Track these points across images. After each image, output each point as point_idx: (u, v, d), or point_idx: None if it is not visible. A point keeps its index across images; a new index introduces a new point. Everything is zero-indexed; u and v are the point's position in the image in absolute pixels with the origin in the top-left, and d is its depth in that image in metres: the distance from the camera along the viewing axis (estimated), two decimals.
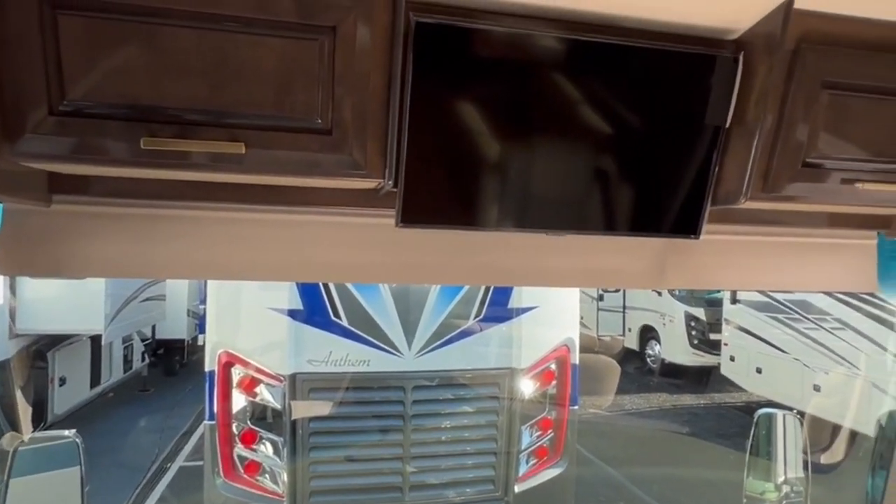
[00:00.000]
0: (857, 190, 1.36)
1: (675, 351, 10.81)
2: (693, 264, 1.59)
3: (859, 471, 4.19)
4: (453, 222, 1.29)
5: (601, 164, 1.36)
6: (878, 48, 1.30)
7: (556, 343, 4.21)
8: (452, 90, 1.20)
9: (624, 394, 9.98)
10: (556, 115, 1.30)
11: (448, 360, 4.01)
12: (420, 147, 1.20)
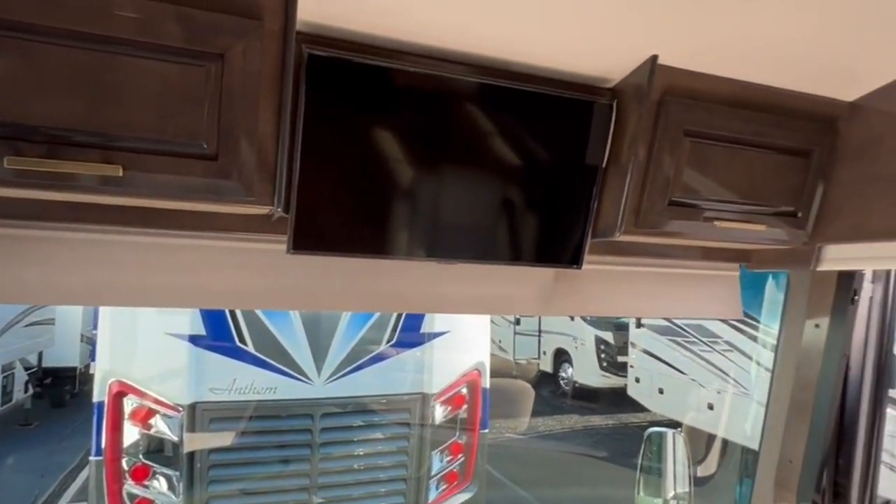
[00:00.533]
0: (716, 227, 1.51)
1: (587, 373, 11.26)
2: (578, 292, 1.70)
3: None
4: (345, 250, 1.31)
5: (491, 198, 1.44)
6: (732, 103, 1.47)
7: (467, 367, 4.28)
8: (345, 121, 1.23)
9: (538, 416, 10.23)
10: (448, 151, 1.36)
11: (359, 386, 3.96)
12: (312, 175, 1.21)
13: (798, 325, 1.89)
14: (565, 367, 12.18)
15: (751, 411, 6.21)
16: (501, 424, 9.10)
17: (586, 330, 11.44)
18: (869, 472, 1.84)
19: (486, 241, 1.47)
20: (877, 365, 1.87)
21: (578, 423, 10.52)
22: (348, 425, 3.97)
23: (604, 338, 11.28)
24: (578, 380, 11.57)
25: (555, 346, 12.46)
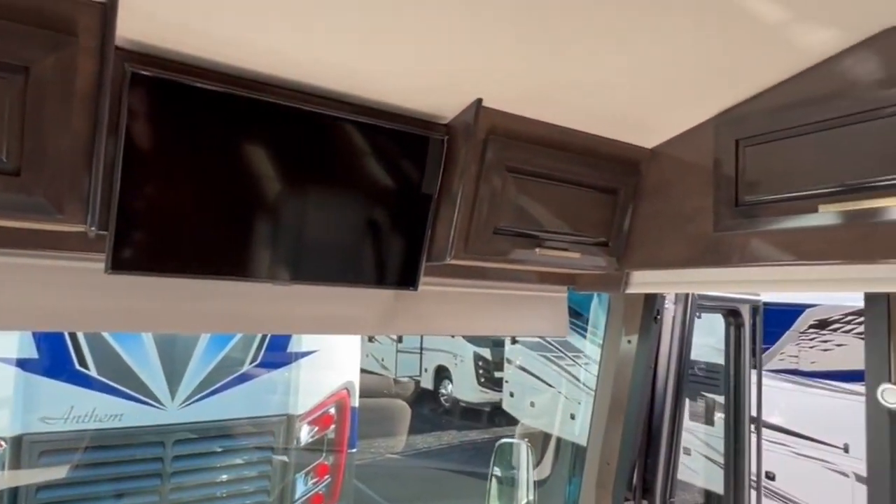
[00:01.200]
0: (537, 253, 1.68)
1: (466, 389, 11.54)
2: (418, 312, 1.80)
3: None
4: (167, 270, 1.29)
5: (333, 222, 1.49)
6: (550, 145, 1.66)
7: (336, 387, 4.25)
8: (171, 141, 1.23)
9: (418, 434, 10.30)
10: (286, 176, 1.40)
11: (218, 409, 3.78)
12: (133, 194, 1.19)
13: (615, 340, 2.14)
14: (446, 383, 12.40)
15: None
16: (380, 444, 9.05)
17: (466, 347, 11.76)
18: (670, 468, 2.11)
19: (328, 263, 1.52)
20: (677, 374, 2.16)
21: (456, 438, 10.73)
22: (205, 452, 3.76)
23: (482, 354, 11.64)
24: (458, 396, 11.84)
25: (436, 364, 12.65)
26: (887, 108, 1.29)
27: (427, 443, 10.25)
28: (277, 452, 4.00)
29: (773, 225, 1.47)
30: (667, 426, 2.12)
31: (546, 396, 8.98)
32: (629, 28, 1.23)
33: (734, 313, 2.57)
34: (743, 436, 2.65)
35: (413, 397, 11.88)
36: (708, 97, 1.59)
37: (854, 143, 1.34)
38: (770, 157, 1.49)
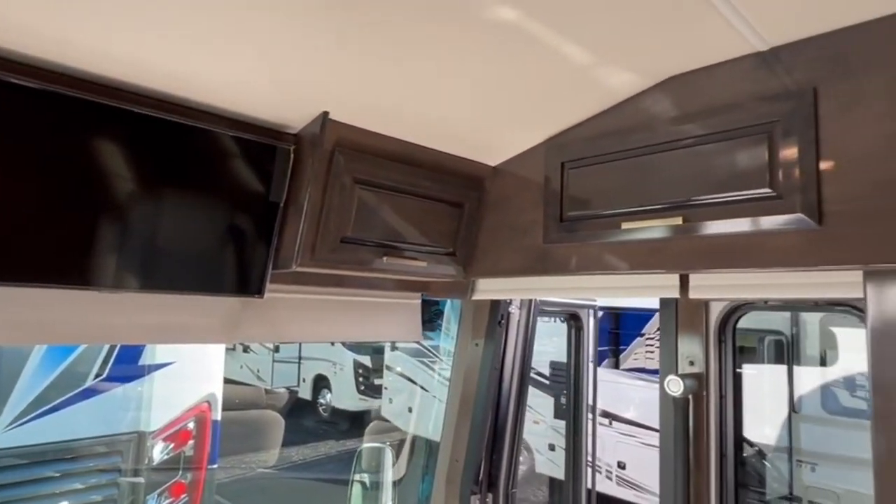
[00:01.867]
0: (384, 262, 1.76)
1: (345, 398, 11.41)
2: (266, 319, 1.80)
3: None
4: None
5: (179, 230, 1.46)
6: (398, 159, 1.75)
7: (195, 400, 4.03)
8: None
9: (294, 446, 9.99)
10: (129, 183, 1.35)
11: (56, 430, 3.43)
12: None
13: (465, 343, 2.28)
14: (325, 392, 12.16)
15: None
16: (250, 458, 8.66)
17: (345, 355, 11.64)
18: (513, 462, 2.29)
19: (174, 271, 1.48)
20: (520, 374, 2.34)
21: (334, 448, 10.55)
22: (38, 478, 3.40)
23: (362, 362, 11.59)
24: (337, 405, 11.67)
25: (315, 373, 12.38)
26: (678, 140, 1.53)
27: (303, 454, 9.98)
28: (126, 474, 3.71)
29: (589, 239, 1.68)
30: (510, 423, 2.30)
31: (423, 401, 9.15)
32: (467, 55, 1.35)
33: (575, 317, 2.84)
34: (582, 426, 2.92)
35: (288, 408, 11.51)
36: (539, 123, 1.77)
37: (652, 171, 1.57)
38: (587, 179, 1.70)
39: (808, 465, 4.71)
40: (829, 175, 1.27)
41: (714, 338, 1.78)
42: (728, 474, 1.75)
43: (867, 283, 1.26)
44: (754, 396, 5.01)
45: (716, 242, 1.43)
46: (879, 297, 1.24)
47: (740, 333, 5.59)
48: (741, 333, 5.80)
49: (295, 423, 10.78)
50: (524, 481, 7.53)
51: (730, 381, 1.78)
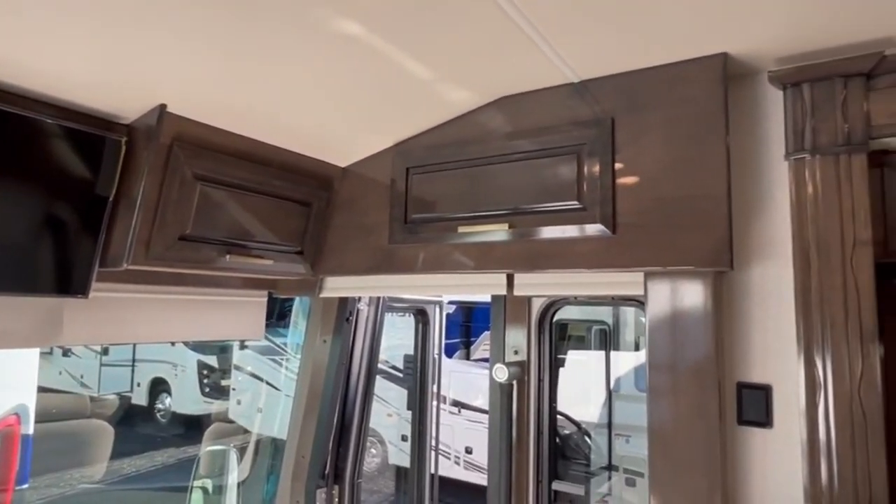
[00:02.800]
0: (227, 260, 1.73)
1: (187, 402, 10.62)
2: (92, 320, 1.67)
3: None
4: None
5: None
6: (243, 156, 1.73)
7: (0, 413, 3.53)
8: None
9: (125, 457, 9.10)
10: None
11: None
12: None
13: (314, 340, 2.31)
14: (163, 397, 11.22)
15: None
16: (73, 475, 7.75)
17: (188, 355, 10.84)
18: (358, 455, 2.37)
19: None
20: (367, 370, 2.43)
21: (174, 455, 9.79)
22: None
23: (207, 362, 10.88)
24: (178, 409, 10.83)
25: (151, 376, 11.36)
26: (508, 154, 1.71)
27: (137, 465, 9.15)
28: None
29: (430, 240, 1.81)
30: (357, 417, 2.37)
31: (274, 400, 8.86)
32: (317, 61, 1.39)
33: (421, 312, 3.00)
34: (426, 414, 3.09)
35: (119, 416, 10.46)
36: (387, 129, 1.86)
37: (485, 180, 1.73)
38: (429, 185, 1.83)
39: (623, 437, 5.41)
40: (622, 192, 1.53)
41: (535, 329, 2.01)
42: (543, 447, 2.00)
43: (647, 283, 1.53)
44: (581, 380, 5.63)
45: (536, 246, 1.64)
46: (654, 294, 1.52)
47: (572, 324, 6.24)
48: (573, 324, 6.44)
49: (127, 432, 9.82)
50: (377, 473, 7.65)
51: (547, 367, 2.03)
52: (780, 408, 1.48)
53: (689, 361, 1.48)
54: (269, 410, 8.84)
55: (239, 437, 7.43)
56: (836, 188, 1.40)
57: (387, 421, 7.56)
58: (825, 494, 1.35)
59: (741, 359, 1.54)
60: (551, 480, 2.11)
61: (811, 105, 1.44)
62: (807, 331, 1.41)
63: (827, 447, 1.35)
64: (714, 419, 1.46)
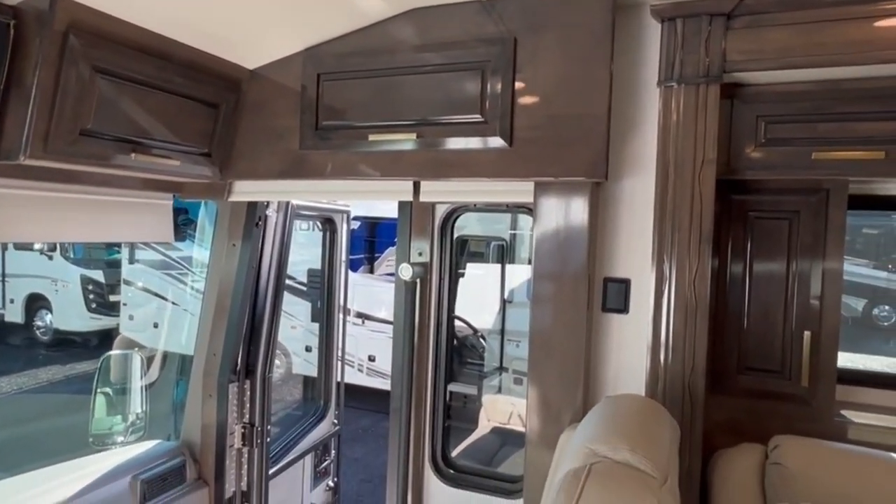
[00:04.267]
0: (132, 159, 1.71)
1: (71, 318, 10.06)
2: None
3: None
4: None
5: None
6: (147, 51, 1.66)
7: None
8: None
9: (3, 376, 8.61)
10: None
11: None
12: None
13: (222, 245, 2.34)
14: (43, 314, 10.53)
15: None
16: None
17: (70, 270, 10.15)
18: (269, 353, 2.50)
19: None
20: (277, 274, 2.52)
21: (60, 372, 9.39)
22: None
23: (92, 277, 10.27)
24: (61, 326, 10.25)
25: (27, 292, 10.57)
26: (418, 67, 1.79)
27: (18, 383, 8.70)
28: None
29: (341, 147, 1.88)
30: (267, 318, 2.48)
31: (171, 315, 8.64)
32: None
33: (329, 221, 3.08)
34: (334, 325, 3.27)
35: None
36: (296, 32, 1.85)
37: (395, 90, 1.81)
38: (341, 92, 1.88)
39: (514, 342, 5.96)
40: (519, 108, 1.69)
41: (437, 234, 2.19)
42: (442, 346, 2.24)
43: (536, 191, 1.74)
44: (479, 290, 6.04)
45: (441, 156, 1.78)
46: (542, 201, 1.73)
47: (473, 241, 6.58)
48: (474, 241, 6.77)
49: (4, 351, 9.20)
50: (282, 383, 7.86)
51: (448, 269, 2.24)
52: (636, 298, 1.80)
53: (567, 259, 1.73)
54: (171, 326, 8.63)
55: (146, 351, 7.23)
56: (694, 114, 1.65)
57: (291, 333, 7.70)
58: (661, 364, 1.70)
59: (608, 258, 1.82)
60: (447, 383, 2.36)
61: (682, 38, 1.65)
62: (661, 234, 1.69)
63: (666, 327, 1.68)
64: (583, 309, 1.74)
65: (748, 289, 1.89)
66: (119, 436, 2.95)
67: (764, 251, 1.88)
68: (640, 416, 1.22)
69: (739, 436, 1.83)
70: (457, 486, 2.19)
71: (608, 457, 1.02)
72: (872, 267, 10.22)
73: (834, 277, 1.80)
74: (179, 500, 2.22)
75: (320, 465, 3.08)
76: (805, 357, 1.81)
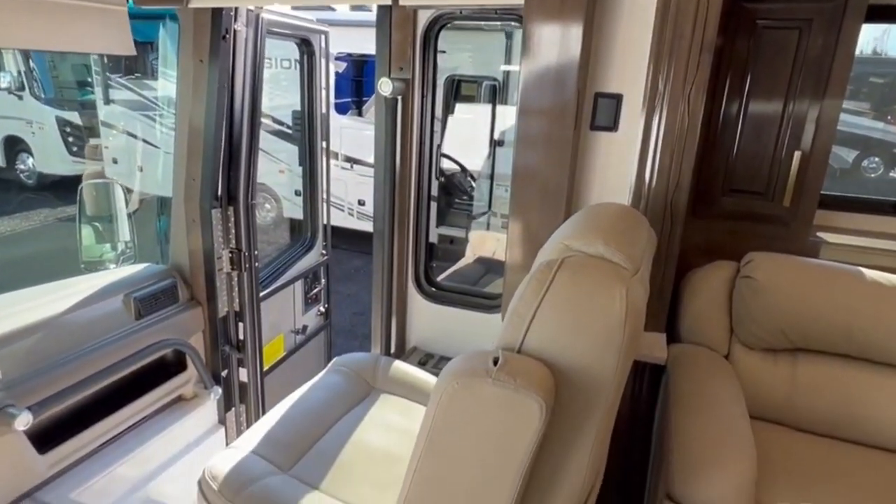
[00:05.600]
0: None
1: (53, 161, 9.87)
2: None
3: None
4: None
5: None
6: None
7: None
8: None
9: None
10: None
11: None
12: None
13: (188, 62, 2.17)
14: (24, 157, 10.30)
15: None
16: None
17: (44, 111, 9.75)
18: (250, 178, 2.45)
19: None
20: (252, 95, 2.37)
21: (52, 215, 9.44)
22: None
23: (68, 119, 9.89)
24: (44, 170, 10.09)
25: (3, 134, 10.23)
26: None
27: (13, 227, 8.79)
28: None
29: None
30: (245, 142, 2.38)
31: (154, 158, 8.46)
32: None
33: (306, 42, 2.85)
34: (317, 162, 3.18)
35: None
36: None
37: None
38: None
39: (504, 185, 5.95)
40: None
41: (420, 45, 2.03)
42: (424, 162, 2.18)
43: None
44: (470, 134, 5.89)
45: None
46: (532, 3, 1.57)
47: (464, 83, 6.23)
48: (465, 82, 6.43)
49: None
50: (273, 227, 7.97)
51: (430, 85, 2.10)
52: (626, 115, 1.71)
53: (557, 74, 1.61)
54: (148, 167, 8.50)
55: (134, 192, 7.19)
56: None
57: (279, 178, 7.63)
58: (646, 182, 1.67)
59: (601, 72, 1.70)
60: (430, 227, 2.33)
61: None
62: (659, 44, 1.56)
63: (655, 143, 1.63)
64: (570, 128, 1.66)
65: (743, 108, 1.81)
66: (111, 263, 3.00)
67: (766, 67, 1.76)
68: (618, 218, 1.21)
69: (716, 257, 1.87)
70: (439, 302, 2.29)
71: (582, 251, 1.02)
72: (872, 118, 10.00)
73: (835, 96, 1.71)
74: (174, 317, 2.32)
75: (311, 292, 3.20)
76: (791, 177, 1.79)
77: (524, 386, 0.83)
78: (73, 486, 1.94)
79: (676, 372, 1.61)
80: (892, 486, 1.41)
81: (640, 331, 0.97)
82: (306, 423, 1.53)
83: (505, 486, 0.88)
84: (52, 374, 1.84)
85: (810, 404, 1.63)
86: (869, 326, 1.55)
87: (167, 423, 2.34)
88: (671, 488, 1.24)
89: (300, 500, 1.26)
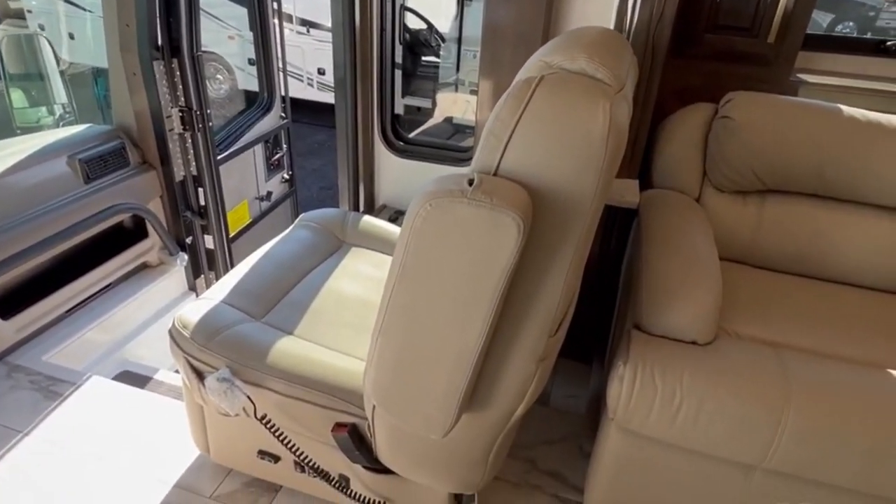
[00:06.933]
0: None
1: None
2: None
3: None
4: None
5: None
6: None
7: None
8: None
9: None
10: None
11: None
12: None
13: None
14: None
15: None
16: None
17: None
18: (193, 27, 2.19)
19: None
20: None
21: None
22: None
23: None
24: None
25: None
26: None
27: None
28: None
29: None
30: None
31: (86, 24, 7.65)
32: None
33: None
34: (269, 26, 2.88)
35: None
36: None
37: None
38: None
39: (472, 51, 5.60)
40: None
41: None
42: (387, 17, 1.98)
43: None
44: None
45: None
46: None
47: None
48: None
49: None
50: (228, 100, 7.49)
51: None
52: None
53: None
54: (84, 37, 7.70)
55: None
56: None
57: (230, 46, 7.02)
58: (628, 12, 1.55)
59: None
60: (395, 98, 2.15)
61: None
62: None
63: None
64: None
65: None
66: (49, 128, 2.77)
67: None
68: (601, 37, 1.11)
69: (695, 101, 1.81)
70: (408, 157, 2.21)
71: (564, 67, 0.93)
72: None
73: None
74: (127, 181, 2.19)
75: (273, 158, 3.06)
76: (779, 13, 1.68)
77: (501, 205, 0.79)
78: (45, 350, 1.93)
79: (648, 213, 1.61)
80: (850, 315, 1.49)
81: (622, 150, 0.93)
82: (277, 275, 1.50)
83: (481, 309, 0.87)
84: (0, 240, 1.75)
85: (777, 243, 1.68)
86: (840, 162, 1.55)
87: (135, 289, 2.30)
88: (639, 318, 1.28)
89: (275, 344, 1.26)
